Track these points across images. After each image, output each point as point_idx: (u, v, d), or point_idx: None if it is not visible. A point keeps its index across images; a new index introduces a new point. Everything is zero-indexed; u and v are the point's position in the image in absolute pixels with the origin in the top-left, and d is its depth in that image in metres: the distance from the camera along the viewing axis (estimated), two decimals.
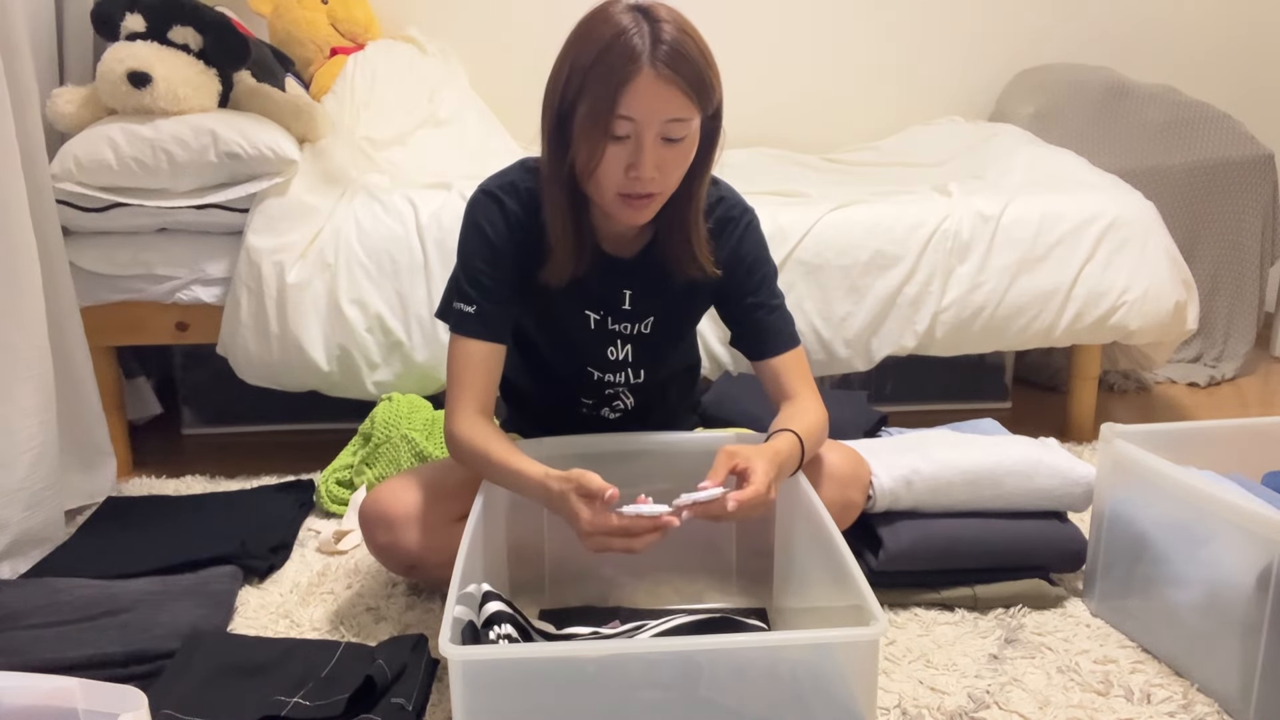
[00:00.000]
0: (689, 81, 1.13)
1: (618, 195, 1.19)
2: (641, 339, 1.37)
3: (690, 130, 1.18)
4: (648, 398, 1.43)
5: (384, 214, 1.85)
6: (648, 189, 1.18)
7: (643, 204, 1.20)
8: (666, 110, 1.14)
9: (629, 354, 1.38)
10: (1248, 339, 2.56)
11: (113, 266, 1.82)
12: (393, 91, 2.38)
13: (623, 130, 1.14)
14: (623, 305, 1.35)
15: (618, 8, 1.16)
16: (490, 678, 0.89)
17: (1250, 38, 2.91)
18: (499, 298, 1.28)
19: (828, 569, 1.05)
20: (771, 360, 1.35)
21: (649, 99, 1.12)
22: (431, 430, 1.76)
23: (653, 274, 1.34)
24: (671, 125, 1.15)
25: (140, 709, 0.88)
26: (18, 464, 1.49)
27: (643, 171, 1.16)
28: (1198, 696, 1.20)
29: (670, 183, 1.21)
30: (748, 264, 1.35)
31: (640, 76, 1.11)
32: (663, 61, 1.12)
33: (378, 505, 1.32)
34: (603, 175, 1.18)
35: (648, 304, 1.36)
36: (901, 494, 1.39)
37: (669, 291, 1.35)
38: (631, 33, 1.12)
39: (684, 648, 0.91)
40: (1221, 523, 1.17)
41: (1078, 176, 2.16)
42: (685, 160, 1.21)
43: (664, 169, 1.18)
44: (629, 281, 1.34)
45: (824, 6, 2.83)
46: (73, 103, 1.81)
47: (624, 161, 1.16)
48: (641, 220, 1.23)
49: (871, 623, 0.86)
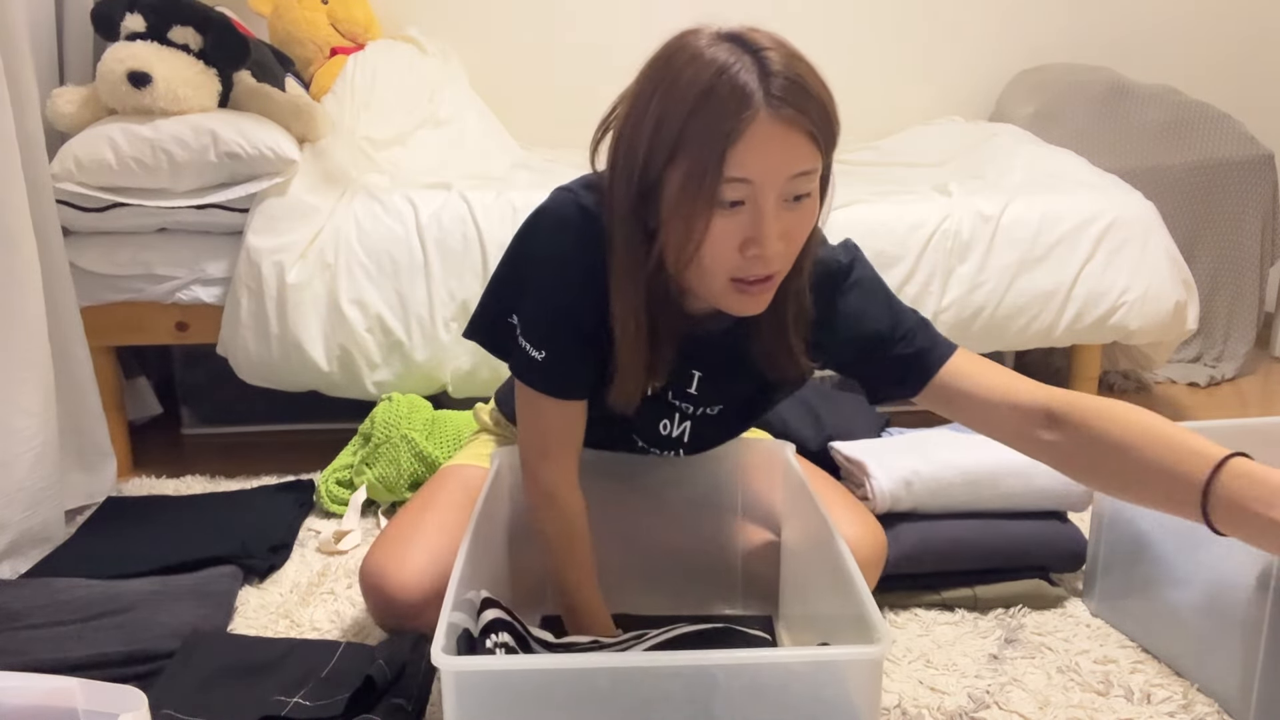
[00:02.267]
0: (814, 121, 0.89)
1: (730, 282, 0.94)
2: (705, 419, 1.17)
3: (814, 183, 0.93)
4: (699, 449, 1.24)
5: (384, 214, 1.85)
6: (772, 269, 0.93)
7: (762, 289, 0.95)
8: (790, 163, 0.89)
9: (685, 432, 1.18)
10: (1248, 339, 2.56)
11: (113, 266, 1.82)
12: (393, 91, 2.37)
13: (736, 195, 0.89)
14: (688, 387, 1.13)
15: (703, 39, 0.91)
16: (484, 689, 0.86)
17: (1250, 38, 2.91)
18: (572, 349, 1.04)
19: (831, 579, 1.04)
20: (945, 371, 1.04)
21: (769, 151, 0.88)
22: (431, 430, 1.76)
23: (733, 356, 1.09)
24: (796, 182, 0.90)
25: (140, 709, 0.88)
26: (18, 464, 1.49)
27: (766, 247, 0.90)
28: (1198, 696, 1.20)
29: (793, 255, 0.96)
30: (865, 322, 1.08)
31: (756, 123, 0.87)
32: (778, 97, 0.87)
33: (384, 590, 1.18)
34: (710, 257, 0.92)
35: (719, 391, 1.14)
36: (902, 496, 1.39)
37: (750, 378, 1.11)
38: (735, 68, 0.87)
39: (674, 663, 0.89)
40: None
41: (1078, 176, 2.16)
42: (809, 223, 0.96)
43: (789, 240, 0.93)
44: (700, 361, 1.10)
45: (824, 7, 2.83)
46: (73, 103, 1.81)
47: (738, 236, 0.91)
48: (758, 309, 0.97)
49: (877, 640, 0.85)
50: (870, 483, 1.40)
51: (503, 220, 1.84)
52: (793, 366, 1.07)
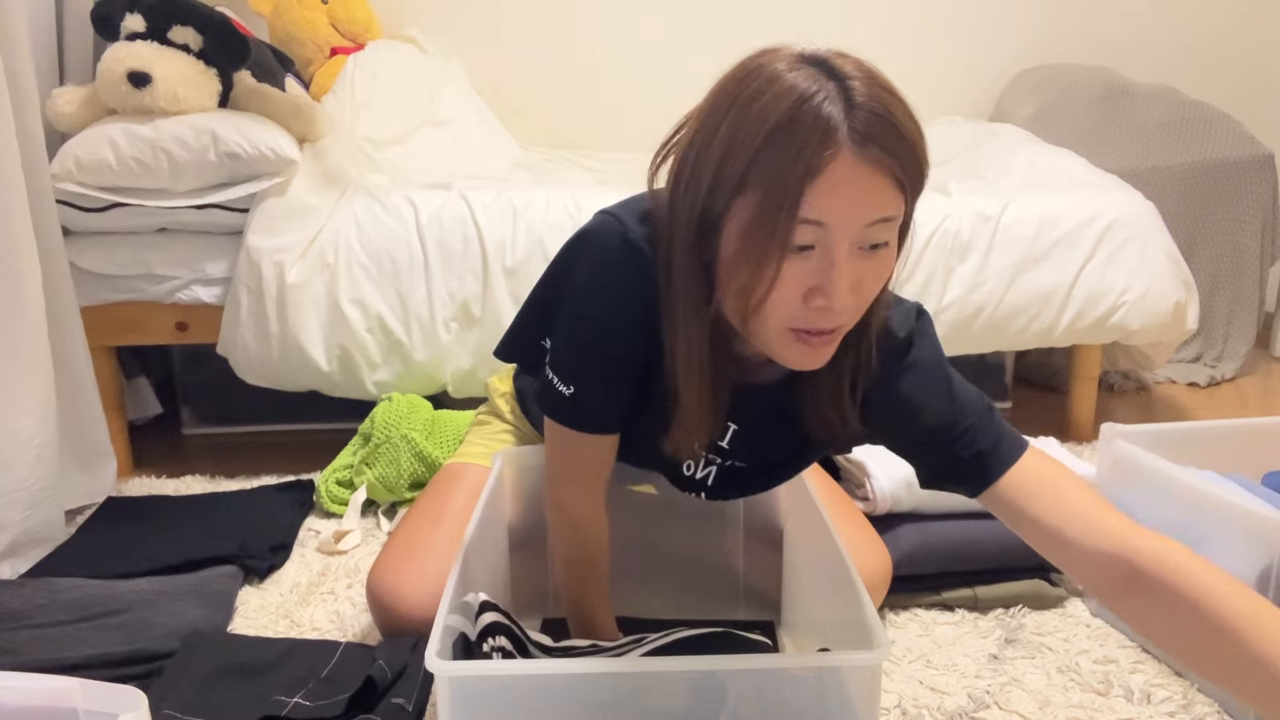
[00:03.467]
0: (903, 163, 0.80)
1: (790, 331, 0.85)
2: (732, 471, 1.10)
3: (894, 231, 0.84)
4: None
5: (384, 214, 1.85)
6: (836, 322, 0.85)
7: (824, 341, 0.86)
8: (870, 208, 0.80)
9: (709, 477, 1.10)
10: (1248, 339, 2.56)
11: (113, 266, 1.82)
12: (393, 91, 2.38)
13: (807, 239, 0.80)
14: (720, 440, 1.05)
15: (783, 60, 0.82)
16: (479, 694, 0.85)
17: (1250, 38, 2.91)
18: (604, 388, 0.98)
19: (832, 584, 1.04)
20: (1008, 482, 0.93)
21: (849, 194, 0.79)
22: (431, 430, 1.76)
23: (776, 412, 1.02)
24: (874, 229, 0.81)
25: (140, 709, 0.88)
26: (18, 464, 1.49)
27: (834, 299, 0.81)
28: (1198, 696, 1.20)
29: (863, 309, 0.88)
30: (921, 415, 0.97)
31: (838, 161, 0.78)
32: (864, 134, 0.78)
33: (390, 604, 1.18)
34: (771, 303, 0.83)
35: (752, 449, 1.06)
36: (902, 496, 1.39)
37: (789, 439, 1.05)
38: (818, 97, 0.78)
39: (673, 668, 0.89)
40: (1221, 523, 1.17)
41: (1078, 176, 2.16)
42: (884, 276, 0.87)
43: (859, 291, 0.84)
44: (739, 414, 1.02)
45: (823, 7, 2.83)
46: (73, 103, 1.81)
47: (804, 284, 0.82)
48: (818, 364, 0.89)
49: (876, 646, 0.85)
50: (870, 483, 1.40)
51: (503, 220, 1.84)
52: (843, 428, 0.97)
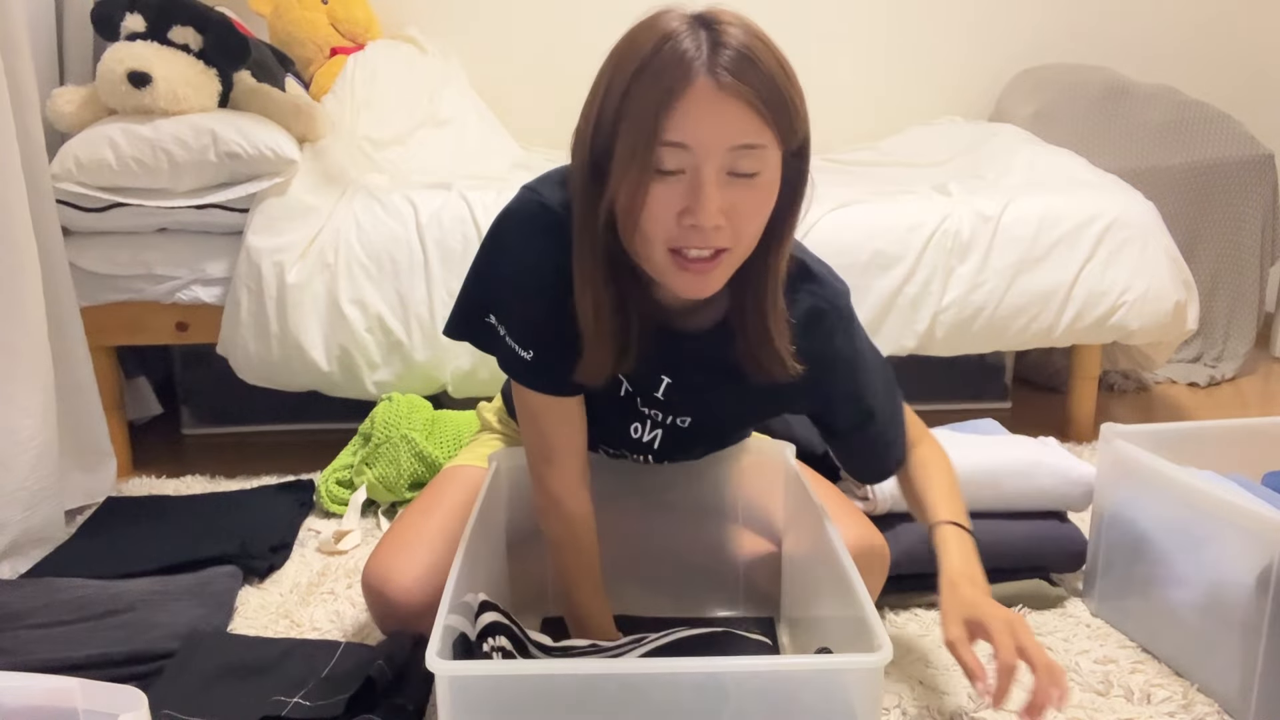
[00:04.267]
0: (762, 95, 0.86)
1: (669, 254, 0.91)
2: (674, 430, 1.14)
3: (767, 163, 0.90)
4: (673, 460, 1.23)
5: (384, 214, 1.85)
6: (711, 242, 0.90)
7: (705, 268, 0.91)
8: (731, 132, 0.87)
9: (656, 439, 1.15)
10: (1248, 339, 2.56)
11: (113, 266, 1.82)
12: (393, 91, 2.38)
13: (673, 162, 0.87)
14: (655, 392, 1.09)
15: (670, 15, 0.89)
16: (478, 694, 0.85)
17: (1250, 38, 2.91)
18: (558, 344, 1.02)
19: (832, 582, 1.04)
20: None
21: (707, 117, 0.85)
22: (431, 430, 1.76)
23: (705, 364, 1.07)
24: (740, 154, 0.87)
25: (140, 709, 0.88)
26: (18, 464, 1.49)
27: (702, 216, 0.87)
28: (1198, 696, 1.20)
29: (744, 239, 0.92)
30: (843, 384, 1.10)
31: (694, 88, 0.85)
32: (722, 66, 0.85)
33: (383, 592, 1.19)
34: (649, 224, 0.90)
35: (689, 401, 1.10)
36: (902, 497, 1.39)
37: (725, 389, 1.09)
38: (683, 36, 0.86)
39: (672, 669, 0.89)
40: (1221, 523, 1.17)
41: (1078, 176, 2.16)
42: (763, 207, 0.92)
43: (735, 217, 0.89)
44: (672, 366, 1.07)
45: (823, 7, 2.83)
46: (73, 103, 1.81)
47: (678, 205, 0.88)
48: (703, 292, 0.94)
49: (877, 648, 0.85)
50: (870, 489, 1.40)
51: None
52: (779, 366, 1.02)
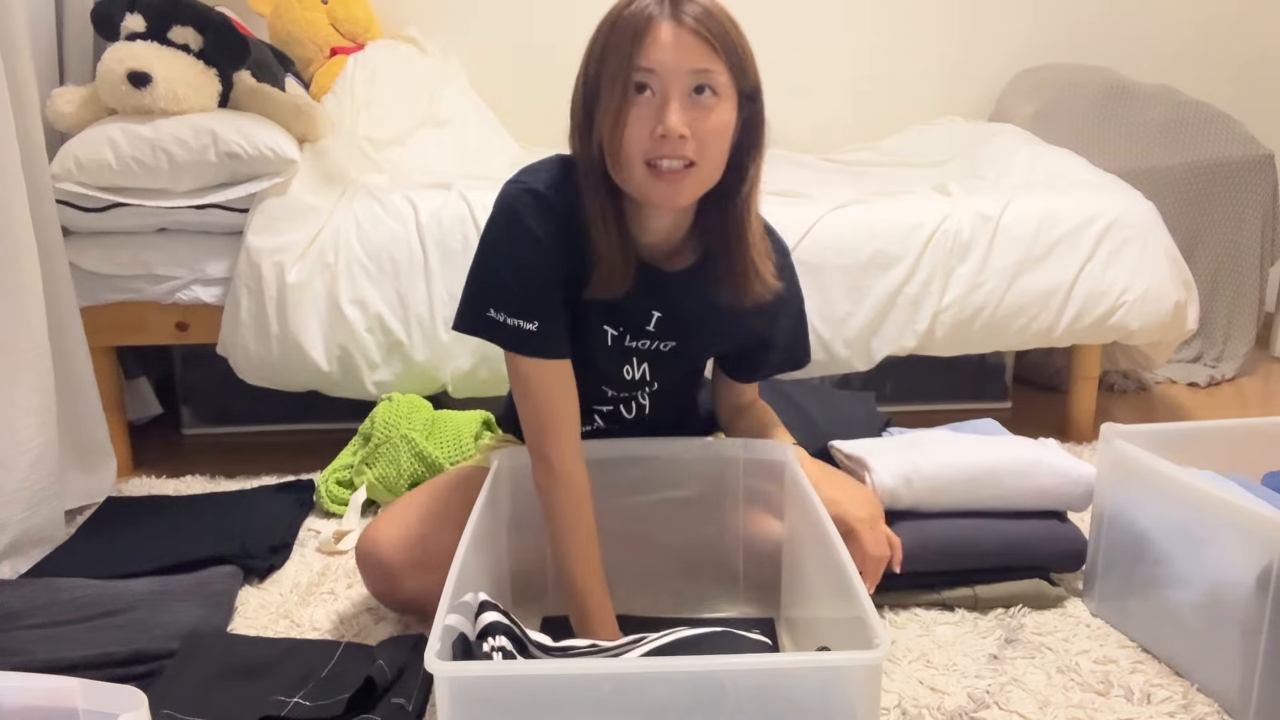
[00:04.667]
0: (715, 34, 1.06)
1: (646, 166, 1.08)
2: (659, 357, 1.29)
3: (722, 91, 1.08)
4: (662, 401, 1.36)
5: (384, 214, 1.85)
6: (679, 151, 1.06)
7: (676, 179, 1.08)
8: (690, 58, 1.05)
9: (645, 372, 1.30)
10: (1248, 339, 2.56)
11: (113, 266, 1.82)
12: (393, 91, 2.38)
13: (643, 80, 1.06)
14: (647, 325, 1.24)
15: None
16: (478, 695, 0.85)
17: (1250, 38, 2.91)
18: (557, 311, 1.17)
19: (832, 581, 1.04)
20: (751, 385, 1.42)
21: (670, 47, 1.05)
22: (431, 430, 1.76)
23: (691, 296, 1.23)
24: (699, 77, 1.06)
25: (140, 709, 0.88)
26: (18, 464, 1.49)
27: (669, 124, 1.05)
28: (1198, 696, 1.20)
29: (708, 157, 1.10)
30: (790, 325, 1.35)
31: (657, 26, 1.05)
32: (685, 14, 1.06)
33: (372, 551, 1.27)
34: (628, 145, 1.07)
35: (675, 328, 1.25)
36: (902, 492, 1.39)
37: (703, 320, 1.25)
38: (649, 3, 1.07)
39: (672, 669, 0.88)
40: (1221, 523, 1.17)
41: (1078, 176, 2.16)
42: (722, 129, 1.10)
43: (697, 134, 1.07)
44: (662, 302, 1.23)
45: (823, 7, 2.83)
46: (73, 103, 1.81)
47: (649, 123, 1.06)
48: (675, 200, 1.11)
49: (875, 645, 0.85)
50: (870, 477, 1.40)
51: None
52: (760, 285, 1.20)
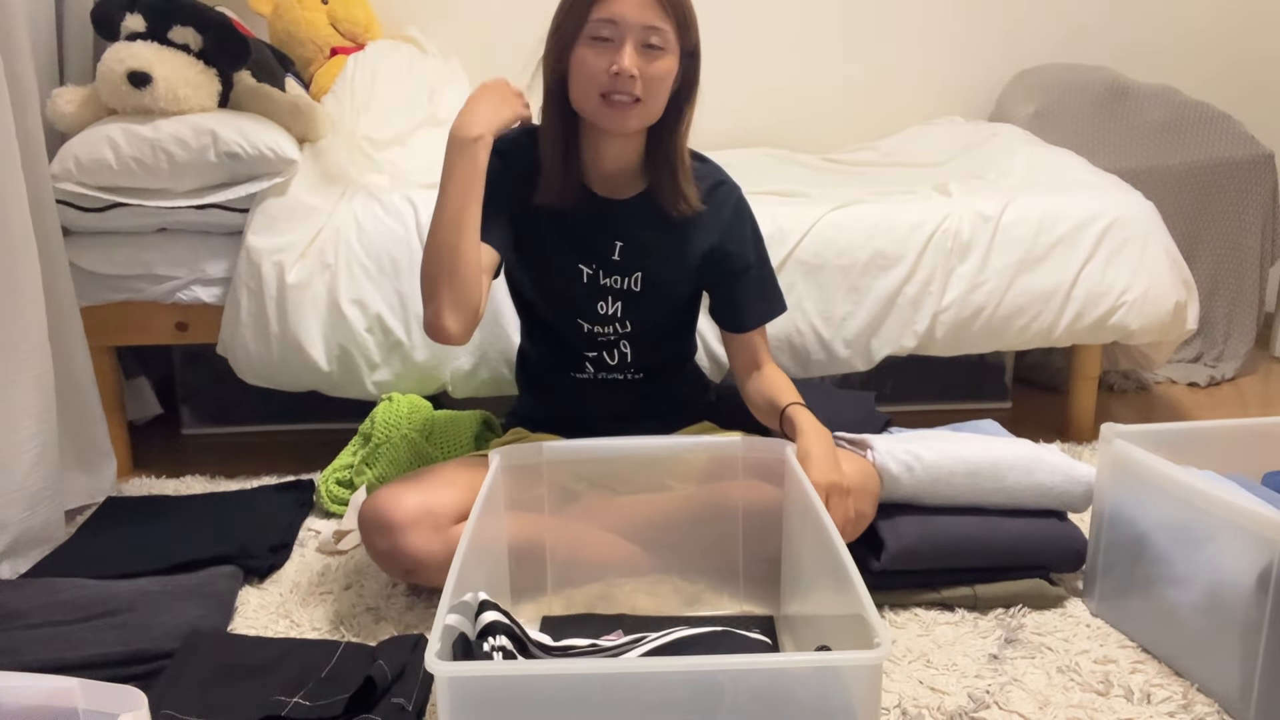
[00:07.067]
0: (668, 0, 1.27)
1: (600, 98, 1.29)
2: (630, 295, 1.44)
3: (669, 45, 1.29)
4: (645, 353, 1.48)
5: (384, 214, 1.85)
6: (629, 88, 1.28)
7: (626, 109, 1.29)
8: (645, 15, 1.26)
9: (619, 310, 1.45)
10: (1248, 339, 2.56)
11: (113, 266, 1.82)
12: (393, 91, 2.37)
13: (604, 32, 1.27)
14: (612, 255, 1.42)
15: None
16: (478, 694, 0.85)
17: (1250, 38, 2.91)
18: (502, 214, 1.37)
19: (832, 579, 1.04)
20: (751, 333, 1.48)
21: (631, 4, 1.26)
22: (431, 430, 1.76)
23: (644, 224, 1.41)
24: (651, 33, 1.27)
25: (140, 709, 0.88)
26: (18, 464, 1.49)
27: (623, 63, 1.26)
28: (1198, 696, 1.20)
29: (652, 96, 1.30)
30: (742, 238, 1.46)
31: None
32: None
33: (376, 509, 1.31)
34: (587, 77, 1.29)
35: (637, 257, 1.42)
36: (903, 478, 1.38)
37: (660, 247, 1.43)
38: None
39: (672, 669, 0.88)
40: (1221, 523, 1.17)
41: (1078, 177, 2.16)
42: (665, 79, 1.31)
43: (645, 78, 1.28)
44: (620, 230, 1.42)
45: (823, 7, 2.83)
46: (73, 103, 1.81)
47: (607, 62, 1.27)
48: (623, 125, 1.32)
49: (876, 645, 0.85)
50: (872, 455, 1.40)
51: None
52: (684, 201, 1.39)
